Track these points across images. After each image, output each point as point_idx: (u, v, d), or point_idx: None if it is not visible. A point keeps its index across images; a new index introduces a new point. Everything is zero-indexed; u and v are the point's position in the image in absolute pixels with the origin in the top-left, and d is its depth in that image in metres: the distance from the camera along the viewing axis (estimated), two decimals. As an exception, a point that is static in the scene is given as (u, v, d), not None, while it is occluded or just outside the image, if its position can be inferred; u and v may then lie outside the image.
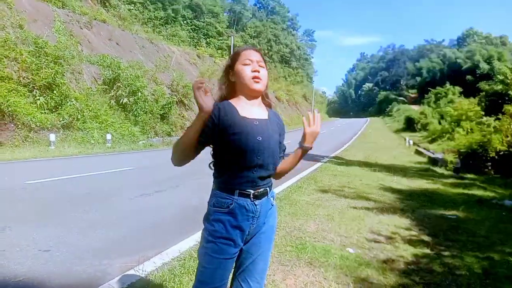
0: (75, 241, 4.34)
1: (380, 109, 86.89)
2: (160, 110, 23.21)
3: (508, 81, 24.03)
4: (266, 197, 1.86)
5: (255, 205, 1.80)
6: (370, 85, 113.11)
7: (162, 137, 21.87)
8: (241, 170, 1.75)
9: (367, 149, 21.27)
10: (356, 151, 19.99)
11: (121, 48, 26.52)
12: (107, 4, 31.53)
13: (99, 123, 17.68)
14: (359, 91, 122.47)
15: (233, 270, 1.89)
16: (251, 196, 1.78)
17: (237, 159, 1.73)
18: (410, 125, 45.01)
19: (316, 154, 16.09)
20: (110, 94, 20.05)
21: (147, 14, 40.11)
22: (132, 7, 36.96)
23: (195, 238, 4.42)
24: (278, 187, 7.77)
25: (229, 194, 1.77)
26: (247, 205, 1.78)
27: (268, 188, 1.87)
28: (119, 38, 27.21)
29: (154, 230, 4.94)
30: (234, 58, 1.88)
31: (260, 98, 1.91)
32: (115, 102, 20.02)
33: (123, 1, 35.47)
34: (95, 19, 25.33)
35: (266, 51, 59.51)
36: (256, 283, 1.89)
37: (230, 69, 1.88)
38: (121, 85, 20.15)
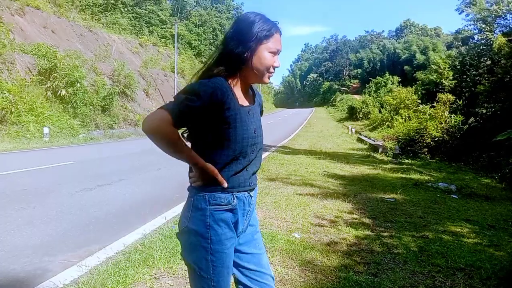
0: (11, 239, 4.11)
1: (324, 99, 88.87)
2: (101, 102, 22.21)
3: (441, 70, 25.52)
4: (255, 188, 1.66)
5: (251, 196, 1.61)
6: (315, 75, 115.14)
7: (103, 129, 21.03)
8: (240, 164, 1.52)
9: (312, 138, 21.84)
10: (302, 140, 20.41)
11: (57, 36, 25.07)
12: (40, -11, 29.61)
13: (35, 116, 16.69)
14: (304, 82, 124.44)
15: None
16: (248, 189, 1.58)
17: (235, 153, 1.48)
18: (352, 114, 46.40)
19: (264, 144, 16.23)
20: (46, 86, 18.91)
21: (85, 1, 38.05)
22: (68, -7, 34.92)
23: (140, 232, 4.34)
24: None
25: (225, 191, 1.51)
26: (245, 199, 1.57)
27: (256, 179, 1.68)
28: (54, 25, 25.69)
29: (97, 225, 4.78)
30: (264, 34, 1.49)
31: None
32: (52, 93, 18.92)
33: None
34: (27, 5, 23.66)
35: (212, 41, 58.45)
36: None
37: (253, 44, 1.48)
38: (58, 76, 19.06)
